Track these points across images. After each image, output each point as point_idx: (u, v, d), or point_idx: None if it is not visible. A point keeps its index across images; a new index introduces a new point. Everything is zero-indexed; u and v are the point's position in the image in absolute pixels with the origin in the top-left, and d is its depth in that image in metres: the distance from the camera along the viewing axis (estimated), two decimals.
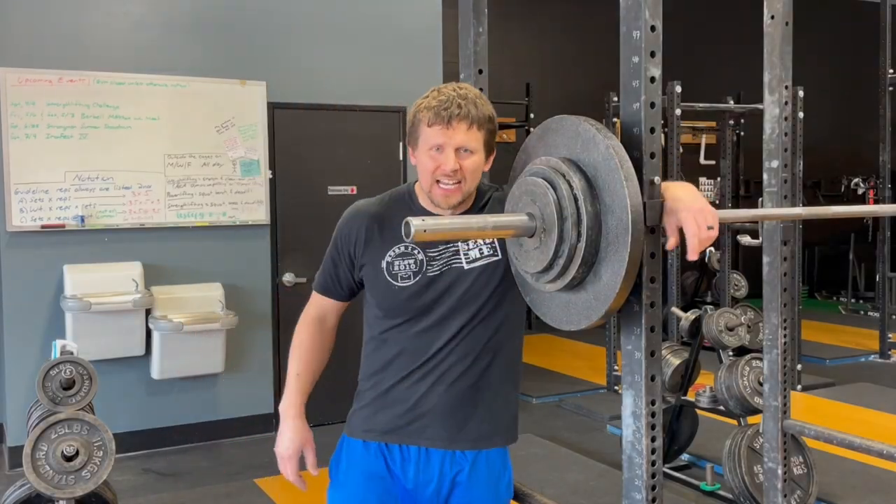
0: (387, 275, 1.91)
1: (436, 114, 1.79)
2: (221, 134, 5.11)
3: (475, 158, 1.84)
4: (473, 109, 1.80)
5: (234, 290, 5.00)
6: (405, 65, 5.54)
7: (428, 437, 1.93)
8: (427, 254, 1.90)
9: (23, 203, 4.62)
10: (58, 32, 4.74)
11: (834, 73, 10.88)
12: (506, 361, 1.96)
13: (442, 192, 1.85)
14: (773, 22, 2.72)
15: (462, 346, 1.90)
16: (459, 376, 1.90)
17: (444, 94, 1.81)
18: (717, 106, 7.19)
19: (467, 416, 1.92)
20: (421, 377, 1.91)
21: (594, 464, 4.61)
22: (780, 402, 2.82)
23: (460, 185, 1.84)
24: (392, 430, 1.94)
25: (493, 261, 1.90)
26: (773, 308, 2.81)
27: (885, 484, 4.21)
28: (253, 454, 4.91)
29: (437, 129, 1.80)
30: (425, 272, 1.89)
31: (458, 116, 1.79)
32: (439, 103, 1.80)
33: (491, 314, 1.91)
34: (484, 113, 1.83)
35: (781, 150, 2.74)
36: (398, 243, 1.91)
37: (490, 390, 1.94)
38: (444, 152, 1.81)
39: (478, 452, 1.95)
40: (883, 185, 7.23)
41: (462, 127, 1.80)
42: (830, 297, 10.69)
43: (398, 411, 1.93)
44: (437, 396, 1.91)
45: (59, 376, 3.16)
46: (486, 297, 1.89)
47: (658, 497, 1.56)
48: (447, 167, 1.81)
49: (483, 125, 1.83)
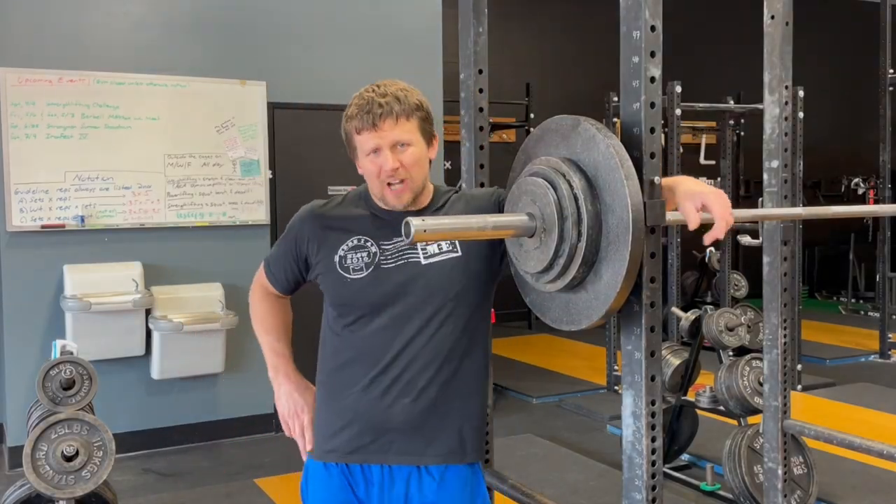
0: (339, 268, 1.84)
1: (360, 119, 1.77)
2: (221, 134, 5.11)
3: (413, 150, 1.80)
4: (396, 104, 1.77)
5: (234, 290, 5.00)
6: (405, 65, 5.54)
7: (394, 453, 1.84)
8: (381, 246, 1.84)
9: (23, 203, 4.62)
10: (58, 32, 4.75)
11: (834, 73, 10.89)
12: (473, 368, 1.88)
13: (392, 194, 1.81)
14: (773, 22, 2.72)
15: (425, 350, 1.81)
16: (426, 385, 1.81)
17: (363, 98, 1.79)
18: (717, 106, 7.19)
19: (436, 428, 1.83)
20: (385, 388, 1.82)
21: (594, 464, 4.61)
22: (780, 402, 2.82)
23: (406, 182, 1.81)
24: (355, 450, 1.85)
25: (452, 257, 1.83)
26: (773, 308, 2.81)
27: (885, 484, 4.21)
28: (253, 454, 4.92)
29: (367, 133, 1.78)
30: (378, 264, 1.82)
31: (382, 114, 1.76)
32: (359, 108, 1.78)
33: (452, 315, 1.82)
34: (410, 102, 1.79)
35: (781, 150, 2.74)
36: (351, 237, 1.86)
37: (460, 398, 1.85)
38: (381, 154, 1.78)
39: (447, 467, 1.86)
40: (883, 185, 7.23)
41: (389, 123, 1.76)
42: (830, 297, 10.69)
43: (361, 427, 1.84)
44: (404, 409, 1.81)
45: (59, 376, 3.16)
46: (445, 296, 1.81)
47: (658, 497, 1.56)
48: (388, 166, 1.77)
49: (412, 114, 1.79)
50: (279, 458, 4.76)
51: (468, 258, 1.85)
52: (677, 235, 6.14)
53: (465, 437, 1.88)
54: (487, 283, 1.90)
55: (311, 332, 2.12)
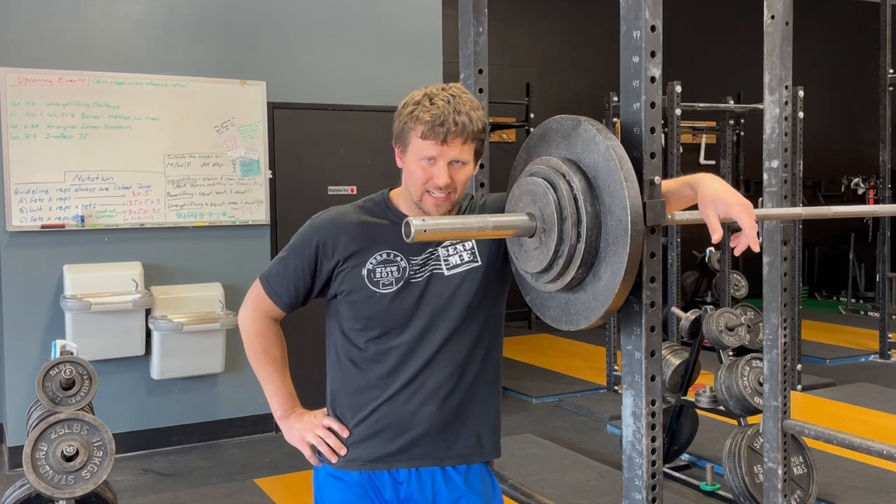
0: (368, 282, 1.82)
1: (430, 128, 1.73)
2: (221, 134, 5.11)
3: (466, 169, 1.79)
4: (469, 124, 1.74)
5: (234, 290, 5.00)
6: (405, 65, 5.54)
7: (418, 458, 1.87)
8: (411, 261, 1.84)
9: (23, 203, 4.62)
10: (58, 32, 4.74)
11: (834, 73, 10.89)
12: (491, 370, 1.92)
13: (433, 202, 1.79)
14: (773, 22, 2.72)
15: (447, 358, 1.84)
16: (451, 392, 1.85)
17: (437, 106, 1.73)
18: (717, 106, 7.19)
19: (457, 431, 1.88)
20: (409, 397, 1.84)
21: (594, 464, 4.61)
22: (780, 402, 2.82)
23: (450, 196, 1.79)
24: (380, 458, 1.87)
25: (473, 267, 1.86)
26: (773, 308, 2.81)
27: (885, 484, 4.21)
28: (253, 454, 4.92)
29: (431, 143, 1.74)
30: (408, 279, 1.83)
31: (454, 133, 1.73)
32: (433, 117, 1.72)
33: (473, 322, 1.86)
34: (478, 125, 1.77)
35: (781, 150, 2.74)
36: (379, 250, 1.84)
37: (479, 401, 1.90)
38: (436, 164, 1.75)
39: (469, 467, 1.91)
40: (883, 185, 7.23)
41: (457, 143, 1.74)
42: (830, 297, 10.69)
43: (387, 437, 1.86)
44: (428, 416, 1.84)
45: (59, 376, 3.16)
46: (468, 306, 1.84)
47: (658, 497, 1.56)
48: (440, 181, 1.75)
49: (476, 137, 1.78)
50: (279, 458, 4.76)
51: (486, 267, 1.87)
52: (677, 235, 6.14)
53: (484, 438, 1.92)
54: (502, 289, 1.93)
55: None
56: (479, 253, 1.87)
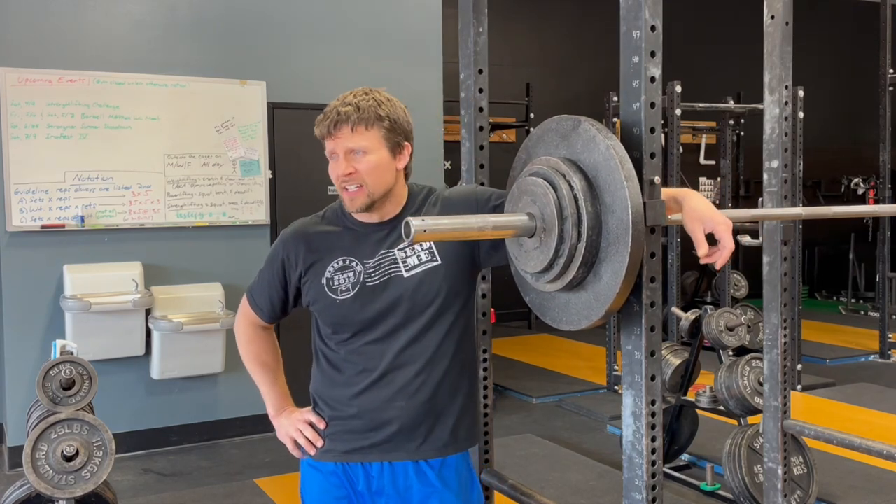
0: (328, 290, 1.90)
1: (324, 127, 1.86)
2: (221, 134, 5.11)
3: (371, 158, 1.84)
4: (354, 112, 1.82)
5: (234, 290, 5.00)
6: (405, 65, 5.54)
7: (391, 451, 1.92)
8: (365, 265, 1.90)
9: (23, 203, 4.63)
10: (58, 32, 4.74)
11: (834, 73, 10.88)
12: (461, 365, 1.96)
13: (347, 196, 1.87)
14: (773, 22, 2.73)
15: (414, 356, 1.89)
16: (420, 387, 1.90)
17: (329, 107, 1.87)
18: (717, 106, 7.19)
19: (430, 425, 1.92)
20: (379, 392, 1.91)
21: (594, 464, 4.61)
22: (780, 402, 2.82)
23: (362, 188, 1.85)
24: (353, 451, 1.94)
25: (432, 266, 1.90)
26: (773, 308, 2.81)
27: (885, 484, 4.21)
28: (253, 454, 4.92)
29: (327, 139, 1.86)
30: (364, 283, 1.89)
31: (338, 122, 1.83)
32: (324, 116, 1.86)
33: (440, 320, 1.90)
34: (371, 112, 1.83)
35: (781, 150, 2.74)
36: (336, 258, 1.91)
37: (451, 395, 1.94)
38: (337, 159, 1.86)
39: (444, 459, 1.95)
40: (883, 185, 7.23)
41: (345, 131, 1.83)
42: (830, 297, 10.69)
43: (358, 429, 1.93)
44: (399, 411, 1.90)
45: (59, 376, 3.16)
46: (430, 304, 1.89)
47: (658, 497, 1.56)
48: (339, 171, 1.85)
49: (372, 123, 1.83)
50: (279, 458, 4.75)
51: (447, 264, 1.90)
52: (677, 235, 6.15)
53: (458, 430, 1.97)
54: (469, 280, 1.97)
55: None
56: (438, 252, 1.91)
